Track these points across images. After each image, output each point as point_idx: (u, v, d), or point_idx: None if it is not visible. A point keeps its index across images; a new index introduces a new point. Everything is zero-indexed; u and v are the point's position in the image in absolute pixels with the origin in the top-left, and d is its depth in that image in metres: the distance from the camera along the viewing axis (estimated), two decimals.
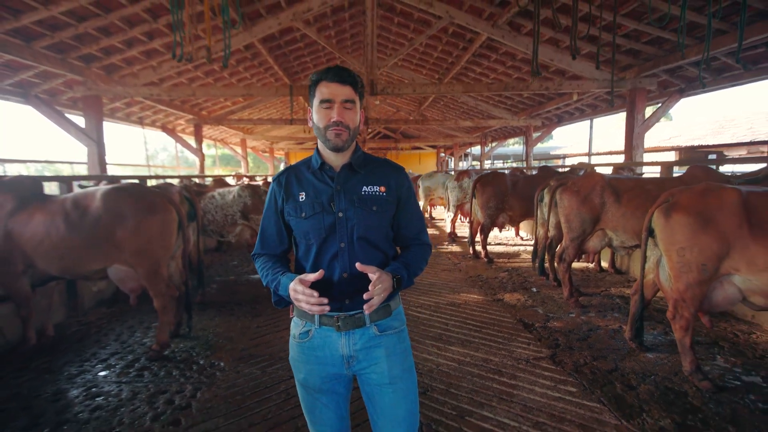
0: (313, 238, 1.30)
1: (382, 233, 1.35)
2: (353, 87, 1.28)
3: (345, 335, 1.31)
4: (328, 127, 1.26)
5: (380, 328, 1.33)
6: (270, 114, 12.48)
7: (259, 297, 4.76)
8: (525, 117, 10.77)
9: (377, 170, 1.37)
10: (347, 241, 1.29)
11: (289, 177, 1.38)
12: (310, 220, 1.29)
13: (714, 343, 3.31)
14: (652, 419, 2.35)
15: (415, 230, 1.42)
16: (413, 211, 1.42)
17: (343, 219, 1.29)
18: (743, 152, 12.38)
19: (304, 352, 1.35)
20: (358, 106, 1.31)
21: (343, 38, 8.36)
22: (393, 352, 1.34)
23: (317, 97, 1.27)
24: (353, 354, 1.32)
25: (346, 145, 1.29)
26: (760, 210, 2.57)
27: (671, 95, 6.46)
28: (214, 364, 3.14)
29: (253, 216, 5.68)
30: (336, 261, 1.29)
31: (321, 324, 1.32)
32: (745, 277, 2.61)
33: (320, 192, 1.31)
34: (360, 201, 1.30)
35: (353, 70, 1.31)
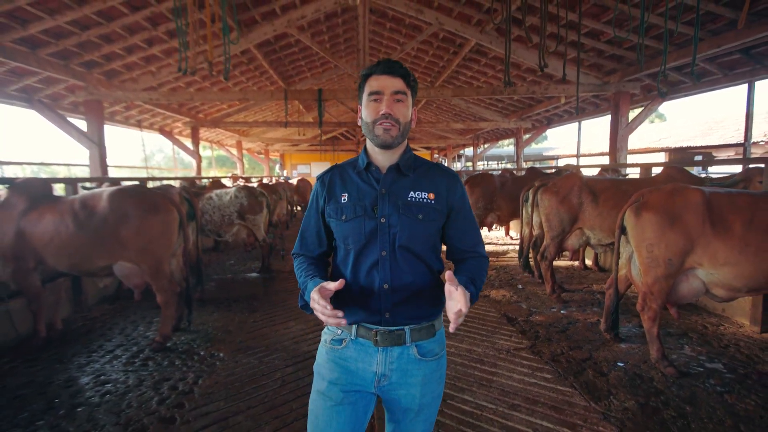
0: (352, 243, 1.22)
1: (428, 244, 1.24)
2: (404, 79, 1.20)
3: (382, 351, 1.21)
4: (376, 121, 1.17)
5: (421, 351, 1.23)
6: (265, 116, 12.66)
7: (255, 294, 4.95)
8: (515, 119, 11.00)
9: (428, 174, 1.27)
10: (389, 249, 1.19)
11: (333, 176, 1.30)
12: (350, 224, 1.21)
13: (684, 334, 3.52)
14: (618, 401, 2.56)
15: (470, 242, 1.30)
16: (468, 221, 1.30)
17: (386, 225, 1.20)
18: (731, 153, 12.65)
19: (333, 360, 1.25)
20: (410, 101, 1.22)
21: (337, 43, 8.56)
22: (430, 379, 1.24)
23: (366, 91, 1.20)
24: (387, 373, 1.22)
25: (396, 142, 1.20)
26: (721, 209, 2.79)
27: (654, 98, 6.70)
28: (213, 354, 3.32)
29: (249, 216, 5.87)
30: (376, 270, 1.20)
31: (358, 335, 1.23)
32: (707, 271, 2.83)
33: (364, 194, 1.23)
34: (405, 207, 1.20)
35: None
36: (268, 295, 4.90)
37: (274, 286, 5.32)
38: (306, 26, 7.00)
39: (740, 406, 2.49)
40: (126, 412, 2.54)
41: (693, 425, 2.32)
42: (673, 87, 6.60)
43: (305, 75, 9.81)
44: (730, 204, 2.81)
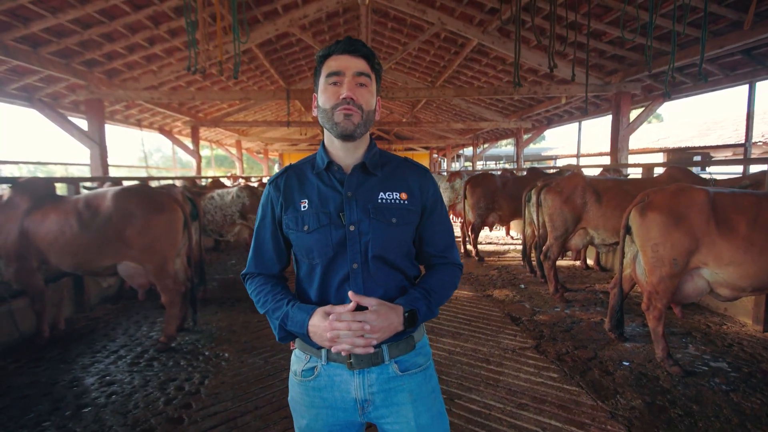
0: (318, 257, 1.05)
1: (403, 250, 1.10)
2: (368, 60, 1.04)
3: (358, 375, 1.06)
4: (336, 106, 1.00)
5: (401, 367, 1.08)
6: (265, 116, 12.64)
7: None
8: (515, 119, 11.02)
9: (397, 172, 1.12)
10: (360, 260, 1.04)
11: (289, 180, 1.12)
12: (314, 235, 1.04)
13: (687, 333, 3.54)
14: (625, 400, 2.57)
15: (440, 246, 1.16)
16: (440, 222, 1.15)
17: (356, 233, 1.04)
18: (729, 153, 12.70)
19: (307, 393, 1.09)
20: (375, 86, 1.06)
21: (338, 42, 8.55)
22: (419, 395, 1.09)
23: (323, 73, 1.03)
24: (368, 398, 1.07)
25: (358, 131, 1.02)
26: (726, 209, 2.80)
27: (655, 99, 6.73)
28: (219, 354, 3.32)
29: (251, 216, 5.86)
30: (347, 285, 1.04)
31: (329, 360, 1.07)
32: (712, 271, 2.84)
33: (327, 199, 1.06)
34: (376, 211, 1.05)
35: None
36: None
37: None
38: (307, 25, 7.00)
39: (746, 404, 2.51)
40: (133, 413, 2.53)
41: (700, 424, 2.33)
42: (675, 87, 6.62)
43: (306, 74, 9.80)
44: (735, 204, 2.82)
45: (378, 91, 1.10)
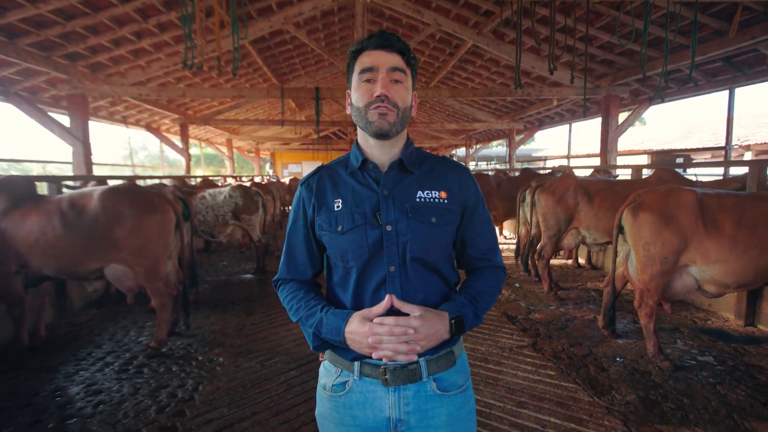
0: (352, 259, 1.00)
1: (444, 253, 1.04)
2: (403, 56, 0.99)
3: (394, 392, 0.99)
4: (369, 104, 0.96)
5: (441, 385, 1.01)
6: (257, 114, 12.52)
7: (251, 296, 4.90)
8: (508, 120, 11.14)
9: (435, 170, 1.07)
10: (398, 263, 0.98)
11: (321, 180, 1.07)
12: (348, 236, 0.99)
13: (675, 329, 3.63)
14: (620, 395, 2.63)
15: (484, 248, 1.10)
16: (483, 223, 1.10)
17: (393, 234, 0.98)
18: (708, 156, 13.06)
19: (337, 410, 1.03)
20: (410, 82, 1.02)
21: (333, 41, 8.52)
22: (457, 418, 1.02)
23: (356, 69, 1.00)
24: (403, 417, 1.00)
25: (394, 130, 0.98)
26: (712, 209, 2.89)
27: (641, 102, 6.88)
28: (213, 359, 3.27)
29: (244, 216, 5.80)
30: (383, 290, 0.98)
31: (362, 375, 1.00)
32: (700, 268, 2.93)
33: (362, 198, 1.01)
34: (414, 211, 0.99)
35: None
36: (265, 297, 4.85)
37: (271, 288, 5.26)
38: (302, 23, 6.95)
39: (732, 396, 2.59)
40: (123, 423, 2.44)
41: (691, 416, 2.40)
42: (661, 91, 6.78)
43: (299, 73, 9.73)
44: (720, 204, 2.91)
45: (414, 86, 1.04)
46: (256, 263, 6.12)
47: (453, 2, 5.99)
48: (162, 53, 6.38)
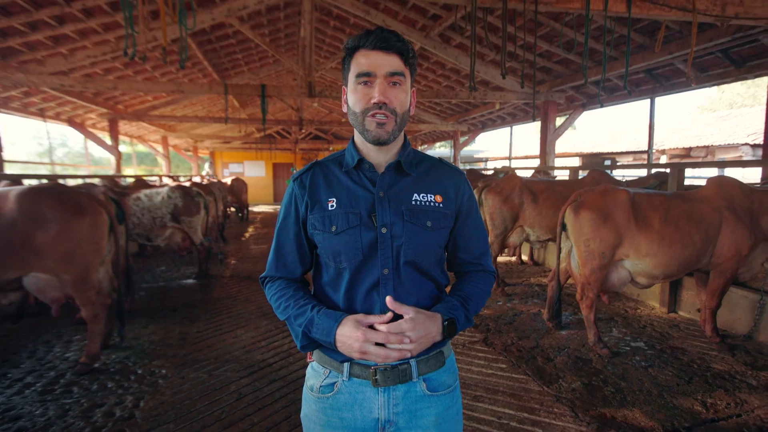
0: (345, 260, 0.98)
1: (436, 257, 1.04)
2: (402, 56, 0.95)
3: (383, 392, 0.99)
4: (367, 111, 0.94)
5: (430, 385, 1.01)
6: (196, 111, 11.84)
7: (194, 302, 4.62)
8: (453, 122, 11.48)
9: (431, 173, 1.06)
10: (392, 266, 0.98)
11: (315, 177, 1.04)
12: (343, 237, 0.98)
13: (611, 319, 3.93)
14: (566, 383, 2.79)
15: (476, 253, 1.10)
16: (475, 227, 1.10)
17: (388, 236, 0.97)
18: (630, 158, 14.41)
19: (324, 412, 1.02)
20: (409, 84, 0.99)
21: (278, 37, 8.28)
22: (446, 418, 1.03)
23: (353, 70, 0.96)
24: (392, 418, 0.99)
25: (392, 137, 0.97)
26: (643, 207, 3.16)
27: (576, 108, 7.39)
28: (154, 371, 3.04)
29: (185, 218, 5.46)
30: (376, 292, 0.98)
31: (351, 375, 0.99)
32: (632, 262, 3.19)
33: (357, 199, 1.00)
34: (410, 213, 0.99)
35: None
36: (209, 303, 4.60)
37: (215, 293, 5.00)
38: (246, 17, 6.67)
39: (661, 377, 2.84)
40: None
41: (628, 398, 2.60)
42: (591, 98, 7.34)
43: (242, 69, 9.34)
44: (649, 203, 3.19)
45: (412, 84, 1.03)
46: (198, 267, 5.79)
47: (401, 4, 6.06)
48: (88, 41, 5.83)
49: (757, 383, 2.75)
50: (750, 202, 3.10)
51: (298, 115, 11.00)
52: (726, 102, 23.55)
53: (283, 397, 2.67)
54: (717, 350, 3.19)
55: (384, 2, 6.04)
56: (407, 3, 5.97)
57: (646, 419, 2.39)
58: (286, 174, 20.04)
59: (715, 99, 24.95)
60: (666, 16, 3.04)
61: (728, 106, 22.03)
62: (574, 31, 3.95)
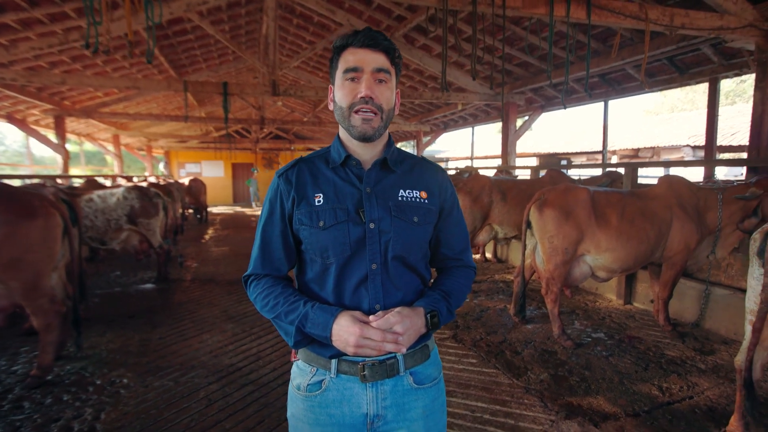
0: (333, 255, 0.99)
1: (422, 252, 1.06)
2: (388, 55, 0.98)
3: (371, 387, 1.00)
4: (353, 106, 0.96)
5: (417, 378, 1.03)
6: (150, 109, 11.27)
7: (154, 308, 4.41)
8: (416, 122, 11.61)
9: (415, 170, 1.09)
10: (380, 261, 0.99)
11: (301, 173, 1.05)
12: (331, 231, 0.98)
13: (572, 312, 4.12)
14: (534, 375, 2.89)
15: (458, 249, 1.12)
16: (457, 223, 1.12)
17: (375, 232, 0.99)
18: (584, 159, 15.17)
19: (312, 410, 1.02)
20: (394, 83, 1.02)
21: (238, 34, 8.04)
22: (432, 410, 1.05)
23: (340, 67, 0.99)
24: (380, 412, 1.01)
25: (378, 134, 0.99)
26: (603, 205, 3.34)
27: (535, 110, 7.69)
28: (115, 381, 2.88)
29: (143, 220, 5.20)
30: (364, 288, 0.99)
31: (339, 372, 1.00)
32: (593, 257, 3.36)
33: (344, 194, 1.01)
34: (397, 209, 1.01)
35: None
36: (170, 308, 4.40)
37: (176, 297, 4.80)
38: (206, 13, 6.43)
39: (621, 365, 3.02)
40: None
41: (592, 386, 2.74)
42: (549, 100, 7.66)
43: (200, 66, 8.98)
44: (607, 201, 3.38)
45: (397, 84, 1.05)
46: (157, 271, 5.53)
47: (366, 4, 6.07)
48: (32, 32, 5.41)
49: (705, 367, 2.97)
50: (696, 200, 3.35)
51: (259, 114, 10.73)
52: (668, 106, 25.31)
53: (255, 401, 2.61)
54: (669, 338, 3.42)
55: (349, 2, 6.02)
56: (372, 3, 5.98)
57: (609, 405, 2.53)
58: (245, 174, 19.49)
59: (659, 103, 26.76)
60: (621, 24, 3.24)
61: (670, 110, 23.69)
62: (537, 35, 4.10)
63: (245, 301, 4.60)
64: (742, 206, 3.20)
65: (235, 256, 7.27)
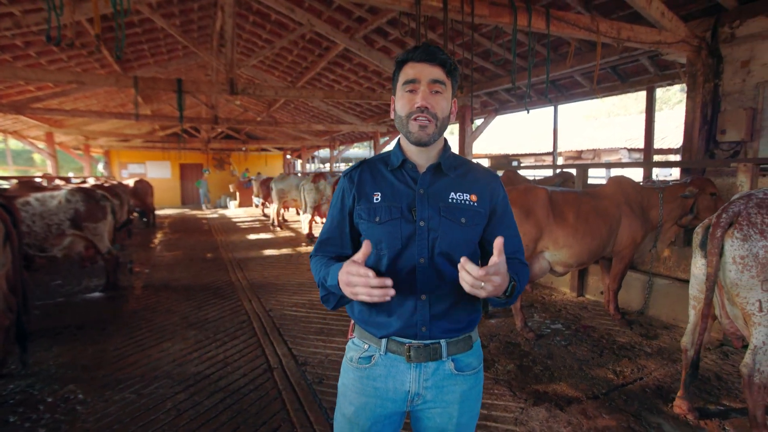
0: (386, 248, 1.09)
1: (469, 251, 1.13)
2: (444, 67, 1.07)
3: (416, 368, 1.10)
4: (410, 114, 1.06)
5: (458, 365, 1.12)
6: (89, 105, 10.47)
7: (105, 318, 4.13)
8: (372, 123, 11.67)
9: (468, 175, 1.16)
10: (427, 255, 1.08)
11: (363, 174, 1.17)
12: (385, 226, 1.09)
13: (531, 305, 4.35)
14: (501, 366, 3.03)
15: (511, 249, 1.15)
16: (509, 226, 1.18)
17: (425, 229, 1.08)
18: (532, 160, 16.01)
19: (360, 381, 1.14)
20: (450, 93, 1.10)
21: (190, 29, 7.67)
22: (468, 396, 1.14)
23: (400, 80, 1.09)
24: (421, 392, 1.12)
25: (432, 139, 1.08)
26: (560, 204, 3.55)
27: (489, 113, 8.01)
28: (68, 398, 2.67)
29: (89, 224, 4.84)
30: (412, 279, 1.09)
31: (388, 350, 1.11)
32: (552, 253, 3.57)
33: (399, 194, 1.11)
34: (446, 210, 1.10)
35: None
36: (124, 317, 4.15)
37: (130, 306, 4.52)
38: (155, 5, 6.09)
39: (579, 352, 3.24)
40: None
41: (555, 374, 2.92)
42: (503, 104, 8.01)
43: (147, 61, 8.48)
44: (564, 200, 3.60)
45: (454, 93, 1.13)
46: (106, 279, 5.17)
47: (326, 4, 6.03)
48: None
49: (651, 350, 3.26)
50: (641, 198, 3.66)
51: (212, 113, 10.31)
52: (605, 111, 27.31)
53: (227, 408, 2.54)
54: (619, 326, 3.71)
55: (309, 1, 5.95)
56: (333, 3, 5.96)
57: (571, 390, 2.71)
58: (195, 175, 18.63)
59: (597, 108, 28.79)
60: (576, 34, 3.48)
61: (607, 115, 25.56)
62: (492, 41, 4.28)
63: (206, 307, 4.43)
64: (680, 204, 3.54)
65: (190, 260, 6.95)
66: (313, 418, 2.42)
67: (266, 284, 5.35)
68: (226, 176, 19.50)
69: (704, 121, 4.23)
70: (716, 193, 3.57)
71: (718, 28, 4.05)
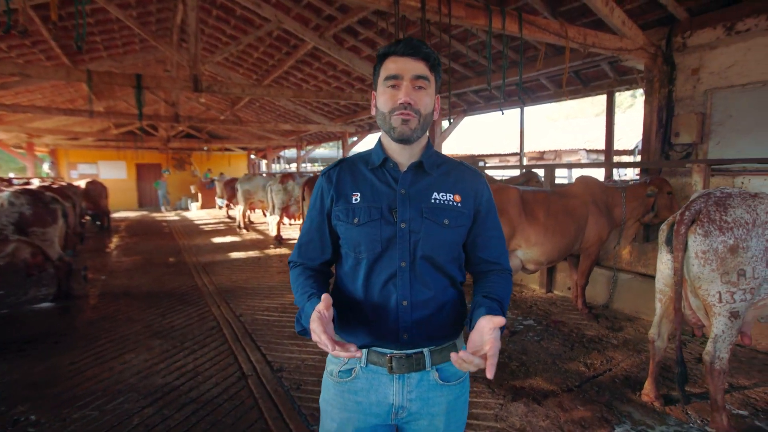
0: (365, 251, 1.04)
1: (453, 253, 1.08)
2: (428, 62, 1.02)
3: (398, 379, 1.05)
4: (393, 110, 1.00)
5: (443, 375, 1.07)
6: (33, 100, 9.73)
7: (57, 330, 3.84)
8: (341, 123, 11.58)
9: (452, 173, 1.11)
10: (409, 260, 1.03)
11: (342, 173, 1.11)
12: (364, 228, 1.04)
13: None
14: None
15: (495, 253, 1.12)
16: (494, 228, 1.13)
17: (406, 231, 1.03)
18: (496, 160, 16.47)
19: (342, 396, 1.08)
20: (433, 89, 1.05)
21: (148, 22, 7.29)
22: (454, 407, 1.09)
23: (382, 75, 1.03)
24: (405, 404, 1.06)
25: (415, 136, 1.03)
26: (531, 203, 3.65)
27: (458, 114, 8.13)
28: (18, 419, 2.45)
29: (36, 229, 4.49)
30: (392, 284, 1.03)
31: (368, 362, 1.06)
32: (524, 251, 3.65)
33: (380, 195, 1.06)
34: (429, 211, 1.04)
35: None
36: (79, 328, 3.87)
37: (86, 316, 4.23)
38: None
39: (552, 347, 3.33)
40: None
41: (530, 369, 2.98)
42: (471, 105, 8.15)
43: (100, 54, 7.98)
44: (535, 199, 3.70)
45: (438, 89, 1.08)
46: (57, 287, 4.81)
47: (294, 1, 5.90)
48: None
49: (617, 342, 3.41)
50: (606, 197, 3.82)
51: (173, 111, 9.86)
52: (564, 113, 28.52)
53: (201, 420, 2.41)
54: (587, 320, 3.85)
55: None
56: (301, 1, 5.84)
57: (547, 384, 2.78)
58: (153, 176, 17.77)
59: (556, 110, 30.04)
60: (545, 39, 3.59)
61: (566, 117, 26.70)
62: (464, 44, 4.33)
63: (171, 314, 4.22)
64: (641, 202, 3.72)
65: (150, 265, 6.60)
66: (293, 426, 2.34)
67: (235, 288, 5.16)
68: (187, 177, 18.74)
69: (660, 125, 4.48)
70: (672, 192, 3.79)
71: (672, 37, 4.30)
